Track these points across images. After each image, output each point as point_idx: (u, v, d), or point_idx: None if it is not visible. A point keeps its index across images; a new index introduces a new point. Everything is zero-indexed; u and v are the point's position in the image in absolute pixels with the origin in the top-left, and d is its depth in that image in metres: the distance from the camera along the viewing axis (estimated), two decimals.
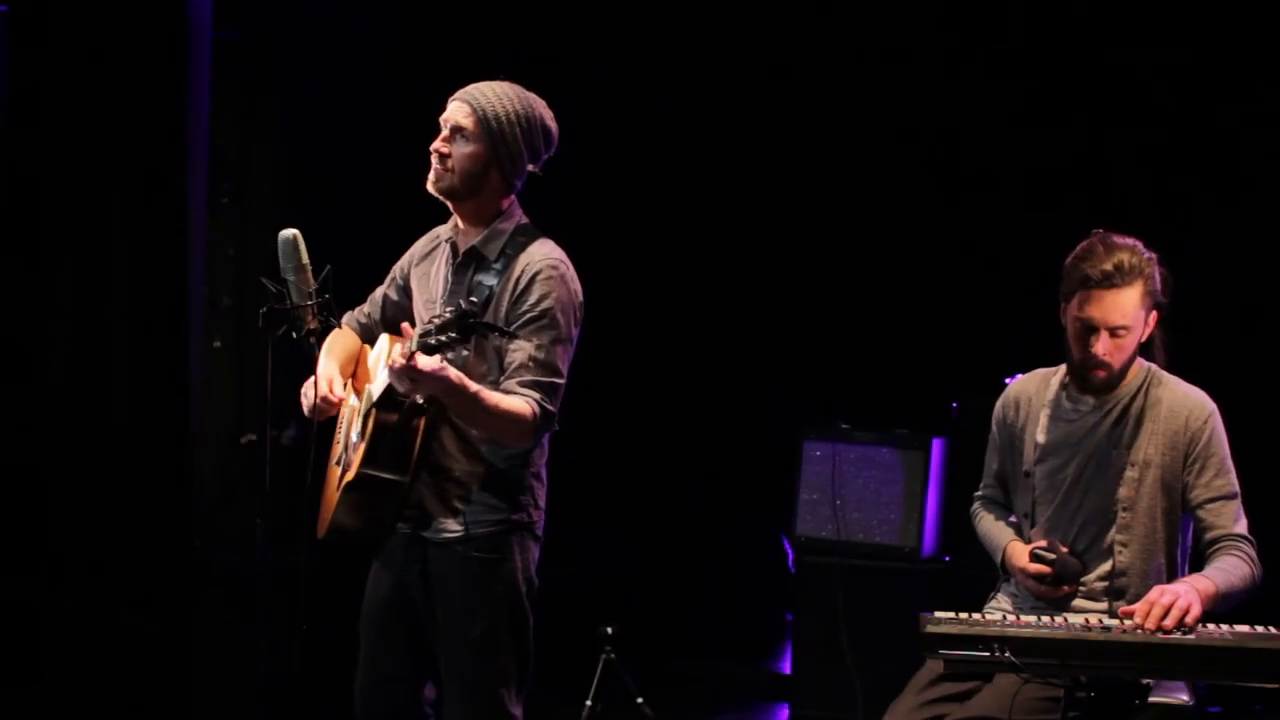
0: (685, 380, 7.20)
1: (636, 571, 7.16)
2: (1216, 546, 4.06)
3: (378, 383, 3.89)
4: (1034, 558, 4.10)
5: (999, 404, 4.34)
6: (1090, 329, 4.04)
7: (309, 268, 3.92)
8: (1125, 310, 4.02)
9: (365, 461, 3.85)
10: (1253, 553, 4.05)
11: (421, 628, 4.01)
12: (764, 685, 6.96)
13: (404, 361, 3.65)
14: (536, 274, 3.89)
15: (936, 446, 6.28)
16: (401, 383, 3.74)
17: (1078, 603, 4.10)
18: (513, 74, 4.04)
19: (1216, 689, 4.75)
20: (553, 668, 4.65)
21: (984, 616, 3.87)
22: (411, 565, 4.01)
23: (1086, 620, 3.82)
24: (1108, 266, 4.00)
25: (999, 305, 6.47)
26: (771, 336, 7.09)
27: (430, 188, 3.98)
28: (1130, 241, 4.07)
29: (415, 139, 4.11)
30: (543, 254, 3.93)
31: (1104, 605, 4.06)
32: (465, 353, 3.85)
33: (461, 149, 3.93)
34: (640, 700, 5.99)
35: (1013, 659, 3.67)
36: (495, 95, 3.95)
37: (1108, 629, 3.74)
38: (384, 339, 4.07)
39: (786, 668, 6.63)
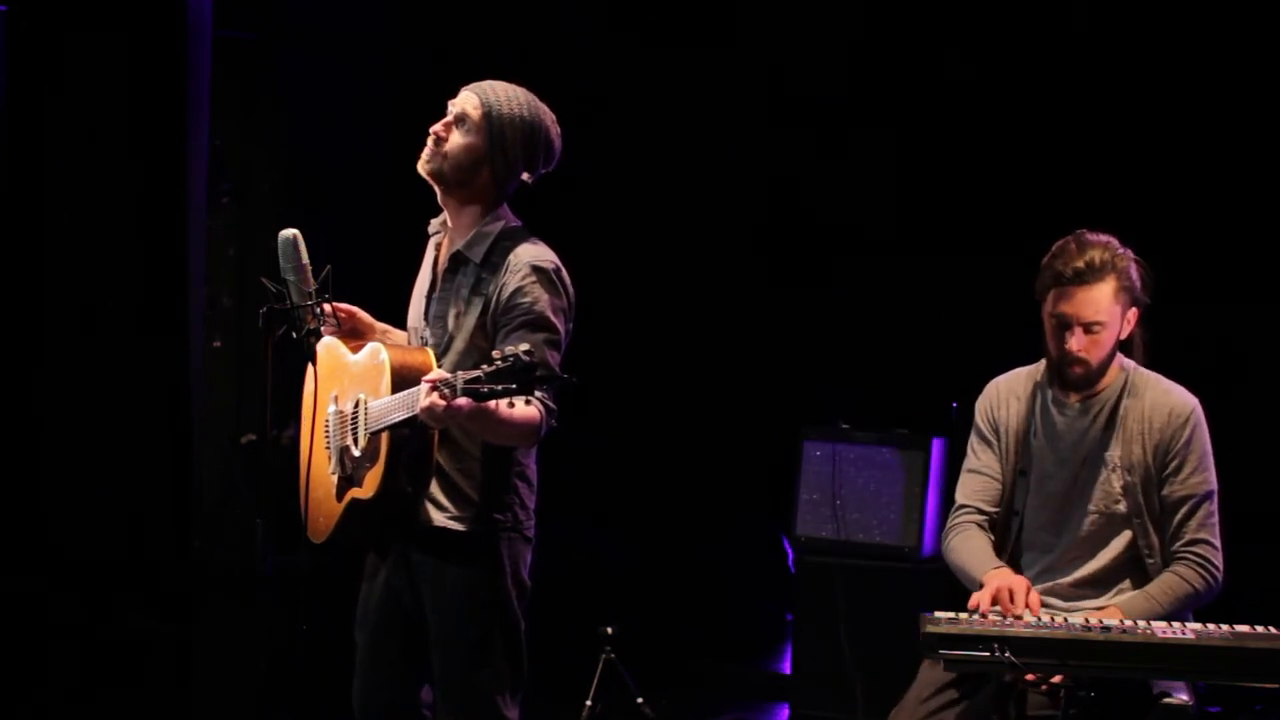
0: (685, 380, 7.20)
1: (636, 571, 7.16)
2: (1175, 555, 4.09)
3: (382, 404, 3.82)
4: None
5: (985, 402, 4.32)
6: (1065, 325, 4.09)
7: (309, 268, 3.91)
8: (1098, 306, 4.06)
9: (386, 478, 3.81)
10: (1207, 559, 4.06)
11: (415, 630, 3.99)
12: (764, 685, 6.96)
13: (445, 406, 3.58)
14: (527, 275, 3.86)
15: (936, 446, 6.28)
16: (436, 422, 3.69)
17: (1070, 604, 4.12)
18: (512, 73, 4.03)
19: (1216, 689, 4.75)
20: (553, 668, 4.65)
21: (984, 616, 3.87)
22: (399, 569, 3.99)
23: (1086, 620, 3.83)
24: (1079, 264, 4.06)
25: (999, 305, 6.45)
26: (772, 336, 7.08)
27: (420, 167, 3.96)
28: (1104, 239, 4.12)
29: (415, 139, 4.11)
30: (533, 255, 3.90)
31: (1095, 603, 4.08)
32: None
33: (460, 138, 3.92)
34: (640, 700, 5.99)
35: (1013, 659, 3.68)
36: (506, 97, 3.93)
37: (1108, 629, 3.75)
38: (373, 346, 3.95)
39: (786, 668, 6.63)
